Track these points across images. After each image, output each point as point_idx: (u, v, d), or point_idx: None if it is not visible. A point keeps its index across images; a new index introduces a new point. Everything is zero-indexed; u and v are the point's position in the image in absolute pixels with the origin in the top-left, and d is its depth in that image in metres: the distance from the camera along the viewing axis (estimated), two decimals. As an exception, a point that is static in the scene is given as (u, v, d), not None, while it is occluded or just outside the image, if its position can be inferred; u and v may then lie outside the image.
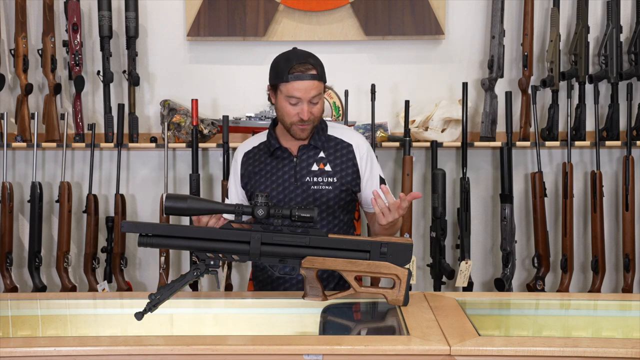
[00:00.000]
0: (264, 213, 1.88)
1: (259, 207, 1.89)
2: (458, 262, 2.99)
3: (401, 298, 1.94)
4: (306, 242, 1.92)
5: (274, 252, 1.92)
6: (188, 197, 1.90)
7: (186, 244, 1.90)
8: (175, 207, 1.88)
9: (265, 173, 2.27)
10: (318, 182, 2.23)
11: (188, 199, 1.89)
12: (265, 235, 1.90)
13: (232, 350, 1.62)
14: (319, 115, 2.22)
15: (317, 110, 2.20)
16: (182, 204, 1.88)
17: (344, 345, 1.63)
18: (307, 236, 1.93)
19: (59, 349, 1.63)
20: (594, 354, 1.59)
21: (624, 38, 3.09)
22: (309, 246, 1.93)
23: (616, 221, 3.19)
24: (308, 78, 2.15)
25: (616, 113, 3.06)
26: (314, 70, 2.16)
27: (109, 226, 3.06)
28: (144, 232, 1.87)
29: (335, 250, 1.94)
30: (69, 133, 3.06)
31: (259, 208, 1.89)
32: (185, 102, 3.09)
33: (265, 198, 1.90)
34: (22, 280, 3.18)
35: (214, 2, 3.08)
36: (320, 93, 2.18)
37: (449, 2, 3.13)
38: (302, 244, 1.92)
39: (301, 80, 2.14)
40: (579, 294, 3.02)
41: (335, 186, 2.24)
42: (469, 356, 1.61)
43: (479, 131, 3.09)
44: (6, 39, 3.13)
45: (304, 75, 2.14)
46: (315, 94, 2.16)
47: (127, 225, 1.87)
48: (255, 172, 2.29)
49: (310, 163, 2.25)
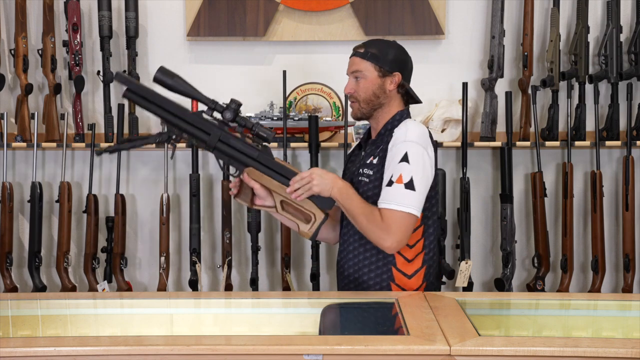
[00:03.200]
0: (230, 116, 2.12)
1: (229, 110, 2.12)
2: (458, 262, 2.99)
3: (310, 233, 2.18)
4: (255, 156, 2.16)
5: (225, 151, 2.15)
6: (176, 76, 2.12)
7: (161, 113, 2.14)
8: (161, 80, 2.11)
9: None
10: (362, 173, 2.26)
11: (175, 77, 2.11)
12: (224, 135, 2.14)
13: (232, 350, 1.62)
14: (363, 95, 2.25)
15: (360, 87, 2.25)
16: (168, 79, 2.11)
17: (344, 345, 1.63)
18: (257, 152, 2.15)
19: (59, 349, 1.63)
20: (594, 354, 1.59)
21: (624, 38, 3.10)
22: (256, 160, 2.16)
23: (616, 221, 3.19)
24: (353, 55, 2.28)
25: (616, 113, 3.06)
26: (362, 48, 2.26)
27: (109, 226, 3.06)
28: (132, 88, 2.13)
29: (275, 173, 2.17)
30: (69, 133, 3.06)
31: (228, 110, 2.12)
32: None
33: (236, 105, 2.13)
34: (22, 280, 3.18)
35: (214, 2, 3.08)
36: (361, 70, 2.24)
37: (449, 2, 3.13)
38: (251, 155, 2.16)
39: (350, 57, 2.29)
40: (579, 294, 3.02)
41: (371, 179, 2.22)
42: (469, 356, 1.61)
43: (479, 131, 3.09)
44: (6, 39, 3.13)
45: (354, 52, 2.29)
46: (356, 69, 2.25)
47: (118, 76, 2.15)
48: None
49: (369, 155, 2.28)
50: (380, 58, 2.24)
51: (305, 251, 3.16)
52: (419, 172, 2.12)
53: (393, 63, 2.24)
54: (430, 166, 2.17)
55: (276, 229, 3.18)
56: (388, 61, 2.24)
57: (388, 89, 2.25)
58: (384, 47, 2.27)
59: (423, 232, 2.23)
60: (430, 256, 2.25)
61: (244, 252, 3.21)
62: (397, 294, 2.13)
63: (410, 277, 2.21)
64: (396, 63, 2.25)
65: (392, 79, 2.24)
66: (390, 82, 2.24)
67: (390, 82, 2.24)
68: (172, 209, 3.15)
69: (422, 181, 2.13)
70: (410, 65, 2.30)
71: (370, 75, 2.24)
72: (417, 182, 2.11)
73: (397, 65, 2.25)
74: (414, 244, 2.21)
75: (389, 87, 2.25)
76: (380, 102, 2.26)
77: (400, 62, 2.26)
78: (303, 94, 3.12)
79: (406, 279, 2.21)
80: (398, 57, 2.26)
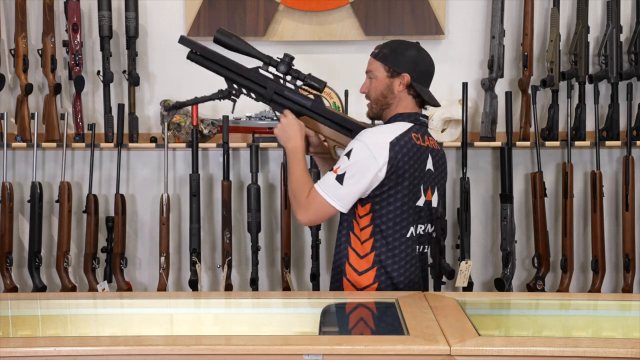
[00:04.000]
0: (284, 69, 2.31)
1: (282, 64, 2.30)
2: (458, 262, 2.99)
3: None
4: (308, 105, 2.33)
5: (281, 103, 2.33)
6: (234, 35, 2.34)
7: (222, 70, 2.35)
8: (221, 39, 2.33)
9: None
10: None
11: (233, 36, 2.33)
12: (279, 87, 2.32)
13: (232, 350, 1.62)
14: (373, 94, 2.31)
15: (372, 87, 2.31)
16: (227, 39, 2.32)
17: (344, 345, 1.63)
18: (311, 101, 2.33)
19: (59, 349, 1.62)
20: (594, 354, 1.59)
21: (624, 38, 3.10)
22: (309, 109, 2.33)
23: (616, 221, 3.19)
24: (371, 55, 2.34)
25: (616, 113, 3.06)
26: (378, 49, 2.32)
27: (109, 226, 3.06)
28: (194, 49, 2.37)
29: (328, 120, 2.34)
30: (69, 133, 3.06)
31: (282, 64, 2.30)
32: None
33: (289, 58, 2.30)
34: (22, 280, 3.18)
35: (214, 2, 3.08)
36: (372, 70, 2.30)
37: (449, 2, 3.13)
38: (305, 105, 2.33)
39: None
40: (579, 294, 3.03)
41: None
42: (469, 356, 1.60)
43: (479, 131, 3.09)
44: (6, 39, 3.13)
45: (372, 52, 2.34)
46: (368, 69, 2.32)
47: (183, 39, 2.39)
48: None
49: None
50: (390, 58, 2.26)
51: (305, 251, 3.16)
52: (352, 170, 2.15)
53: (403, 64, 2.25)
54: (368, 169, 2.15)
55: (276, 229, 3.18)
56: (398, 62, 2.25)
57: (397, 90, 2.26)
58: (399, 47, 2.29)
59: (372, 233, 2.23)
60: (382, 259, 2.22)
61: (244, 252, 3.21)
62: (397, 293, 2.13)
63: (360, 274, 2.24)
64: (407, 64, 2.25)
65: (400, 79, 2.25)
66: (399, 82, 2.26)
67: (400, 83, 2.26)
68: (172, 209, 3.15)
69: (352, 179, 2.15)
70: (424, 67, 2.29)
71: (380, 75, 2.28)
72: (346, 178, 2.16)
73: (407, 66, 2.25)
74: (364, 240, 2.24)
75: (398, 87, 2.26)
76: (387, 103, 2.28)
77: (411, 63, 2.26)
78: (303, 94, 3.12)
79: (356, 275, 2.24)
80: (410, 58, 2.26)
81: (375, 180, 2.18)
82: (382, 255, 2.23)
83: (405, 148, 2.18)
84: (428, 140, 2.29)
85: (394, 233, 2.22)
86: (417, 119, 2.28)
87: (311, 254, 3.02)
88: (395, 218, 2.22)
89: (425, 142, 2.27)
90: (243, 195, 3.16)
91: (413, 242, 2.26)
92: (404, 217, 2.23)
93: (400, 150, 2.17)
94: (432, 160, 2.29)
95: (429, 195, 2.29)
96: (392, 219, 2.22)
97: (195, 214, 3.00)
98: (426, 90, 2.30)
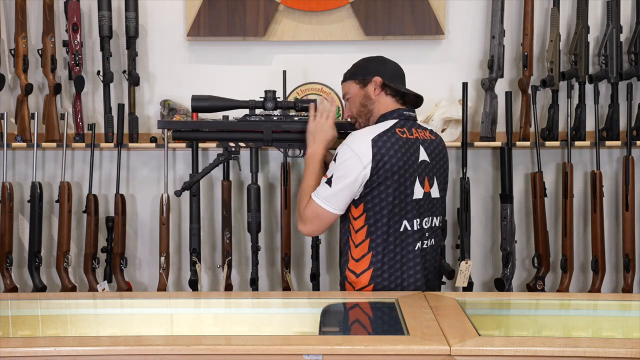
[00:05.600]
0: (272, 105, 2.34)
1: (268, 101, 2.35)
2: (458, 262, 2.99)
3: None
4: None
5: (283, 138, 2.37)
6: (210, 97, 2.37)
7: (211, 136, 2.38)
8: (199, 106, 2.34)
9: None
10: None
11: (209, 99, 2.36)
12: (274, 124, 2.35)
13: (232, 350, 1.62)
14: (355, 111, 2.40)
15: (352, 105, 2.40)
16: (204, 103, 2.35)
17: (344, 345, 1.63)
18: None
19: (59, 349, 1.63)
20: (594, 354, 1.59)
21: (624, 38, 3.09)
22: None
23: (616, 221, 3.19)
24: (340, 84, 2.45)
25: (616, 113, 3.06)
26: (343, 76, 2.43)
27: (109, 226, 3.06)
28: (176, 128, 2.41)
29: None
30: (69, 133, 3.06)
31: (268, 101, 2.35)
32: (185, 102, 3.10)
33: (272, 93, 2.34)
34: (22, 280, 3.18)
35: (214, 2, 3.08)
36: (346, 92, 2.41)
37: (449, 2, 3.13)
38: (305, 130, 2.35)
39: None
40: (579, 294, 3.02)
41: None
42: (469, 356, 1.61)
43: (479, 131, 3.09)
44: (6, 39, 3.13)
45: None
46: (344, 94, 2.43)
47: (162, 123, 2.47)
48: None
49: None
50: (356, 72, 2.38)
51: (305, 251, 3.16)
52: (338, 171, 2.21)
53: (370, 70, 2.35)
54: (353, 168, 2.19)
55: (276, 229, 3.18)
56: (365, 70, 2.35)
57: (373, 95, 2.35)
58: (361, 62, 2.42)
59: (368, 234, 2.25)
60: (379, 259, 2.24)
61: (244, 252, 3.21)
62: (396, 293, 2.14)
63: (358, 275, 2.27)
64: (373, 69, 2.35)
65: (373, 84, 2.34)
66: (374, 88, 2.34)
67: (374, 88, 2.34)
68: (172, 209, 3.15)
69: (339, 180, 2.20)
70: (391, 69, 2.38)
71: (353, 91, 2.38)
72: (334, 179, 2.21)
73: (375, 70, 2.35)
74: (359, 243, 2.26)
75: (374, 93, 2.35)
76: (369, 110, 2.36)
77: (377, 66, 2.36)
78: (303, 94, 3.12)
79: (354, 277, 2.27)
80: (374, 64, 2.37)
81: (362, 179, 2.21)
82: (379, 255, 2.25)
83: (388, 143, 2.22)
84: (417, 133, 2.32)
85: (388, 229, 2.25)
86: (401, 114, 2.33)
87: (311, 254, 3.02)
88: (388, 214, 2.24)
89: (413, 134, 2.30)
90: (243, 195, 3.16)
91: (408, 236, 2.27)
92: (396, 212, 2.25)
93: (384, 145, 2.21)
94: (426, 151, 2.32)
95: (427, 187, 2.30)
96: (385, 215, 2.24)
97: (195, 214, 3.00)
98: (402, 86, 2.37)
